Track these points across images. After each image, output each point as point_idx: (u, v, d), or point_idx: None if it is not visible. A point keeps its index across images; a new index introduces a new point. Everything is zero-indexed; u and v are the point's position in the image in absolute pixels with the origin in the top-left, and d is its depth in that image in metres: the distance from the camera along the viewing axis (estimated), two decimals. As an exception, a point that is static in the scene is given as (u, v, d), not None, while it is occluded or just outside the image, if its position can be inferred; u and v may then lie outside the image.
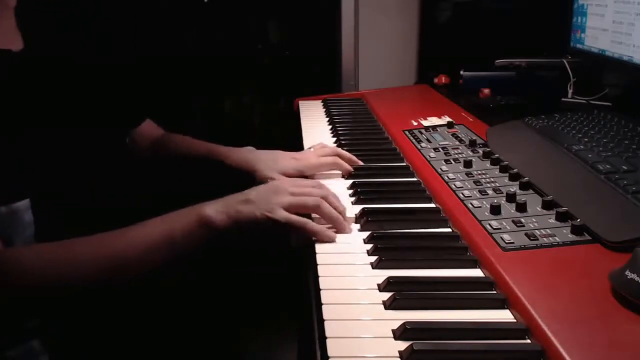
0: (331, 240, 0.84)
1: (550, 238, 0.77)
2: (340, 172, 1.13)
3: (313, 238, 0.85)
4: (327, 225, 0.87)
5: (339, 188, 1.03)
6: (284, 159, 1.15)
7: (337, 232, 0.86)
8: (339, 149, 1.19)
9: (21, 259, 0.83)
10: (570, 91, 1.53)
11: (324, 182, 1.08)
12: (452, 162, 1.07)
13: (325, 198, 0.89)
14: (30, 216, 0.87)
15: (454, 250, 0.81)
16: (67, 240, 0.84)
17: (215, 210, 0.84)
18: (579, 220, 0.79)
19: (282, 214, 0.85)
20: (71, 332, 0.94)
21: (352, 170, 1.12)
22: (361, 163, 1.15)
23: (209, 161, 1.21)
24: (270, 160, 1.15)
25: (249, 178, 1.14)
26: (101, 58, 1.11)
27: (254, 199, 0.86)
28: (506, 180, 0.96)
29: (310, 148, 1.23)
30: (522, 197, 0.87)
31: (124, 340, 1.00)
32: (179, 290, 1.12)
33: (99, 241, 0.84)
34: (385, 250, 0.80)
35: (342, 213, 0.89)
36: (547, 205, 0.85)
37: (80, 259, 0.83)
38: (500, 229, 0.80)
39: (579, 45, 1.47)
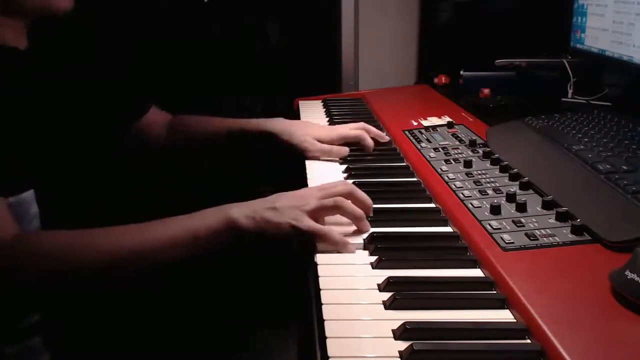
0: (350, 252, 0.82)
1: (550, 238, 0.77)
2: (339, 171, 1.13)
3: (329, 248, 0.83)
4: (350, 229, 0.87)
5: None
6: (319, 129, 1.24)
7: (359, 230, 0.86)
8: (367, 125, 1.26)
9: (40, 243, 0.83)
10: (570, 91, 1.53)
11: (324, 180, 1.08)
12: (452, 162, 1.07)
13: (351, 193, 0.88)
14: (35, 208, 0.88)
15: (454, 250, 0.81)
16: (89, 229, 0.84)
17: (242, 213, 0.83)
18: (579, 220, 0.79)
19: (307, 223, 0.82)
20: (72, 330, 0.94)
21: (374, 148, 1.21)
22: (387, 138, 1.24)
23: (245, 134, 1.23)
24: (304, 129, 1.22)
25: (285, 142, 1.19)
26: (102, 57, 1.12)
27: (280, 208, 0.84)
28: (506, 180, 0.96)
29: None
30: (522, 197, 0.87)
31: (124, 338, 1.00)
32: (180, 289, 1.12)
33: (121, 232, 0.84)
34: (385, 250, 0.80)
35: (368, 208, 0.89)
36: (547, 205, 0.85)
37: (99, 248, 0.83)
38: (500, 229, 0.80)
39: (579, 45, 1.47)
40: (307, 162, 1.19)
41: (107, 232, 0.84)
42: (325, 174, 1.13)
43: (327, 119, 1.52)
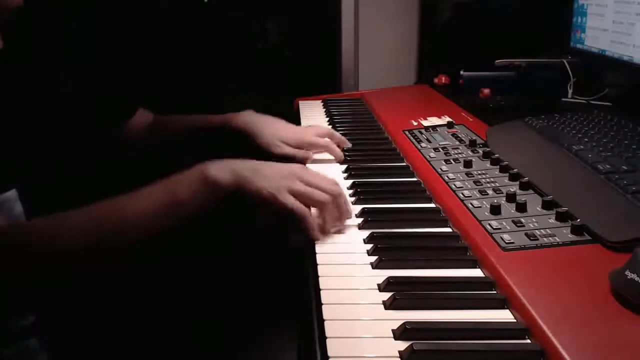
0: (316, 240, 0.83)
1: (550, 238, 0.77)
2: (339, 171, 1.13)
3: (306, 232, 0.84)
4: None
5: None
6: (287, 129, 1.22)
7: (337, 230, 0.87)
8: (332, 130, 1.25)
9: (25, 232, 0.82)
10: (570, 91, 1.53)
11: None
12: (452, 162, 1.07)
13: (336, 197, 0.88)
14: (19, 207, 0.87)
15: (454, 250, 0.81)
16: (71, 209, 0.82)
17: (219, 169, 0.83)
18: (579, 220, 0.79)
19: (289, 199, 0.83)
20: (69, 329, 0.94)
21: (342, 157, 1.18)
22: (350, 144, 1.23)
23: (213, 130, 1.24)
24: (274, 128, 1.20)
25: (250, 140, 1.18)
26: (87, 56, 1.11)
27: (265, 174, 0.84)
28: (506, 180, 0.96)
29: (309, 126, 1.30)
30: (522, 197, 0.87)
31: (123, 339, 1.00)
32: (179, 289, 1.12)
33: (103, 206, 0.83)
34: (385, 250, 0.80)
35: (343, 217, 0.88)
36: (547, 205, 0.85)
37: (84, 224, 0.82)
38: (500, 229, 0.80)
39: (579, 45, 1.47)
40: (308, 162, 1.19)
41: (87, 210, 0.83)
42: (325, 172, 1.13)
43: (327, 119, 1.52)
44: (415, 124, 1.34)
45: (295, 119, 1.56)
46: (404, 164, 1.15)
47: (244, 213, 0.88)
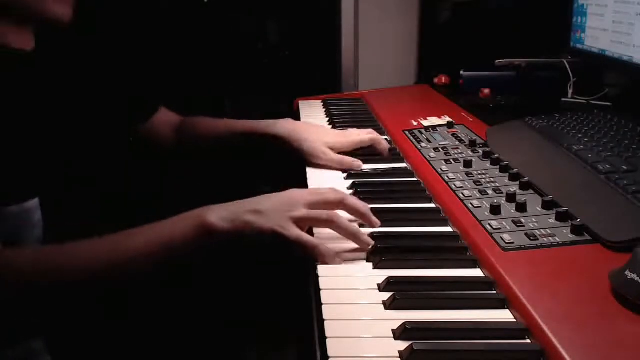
0: (335, 263, 0.78)
1: (550, 238, 0.77)
2: (339, 171, 1.13)
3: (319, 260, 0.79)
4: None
5: (339, 188, 1.03)
6: (332, 135, 1.19)
7: (358, 245, 0.82)
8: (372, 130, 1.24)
9: (17, 261, 0.79)
10: (570, 91, 1.53)
11: (324, 179, 1.09)
12: (452, 162, 1.07)
13: (342, 202, 0.84)
14: (39, 215, 0.87)
15: (454, 250, 0.81)
16: (66, 243, 0.80)
17: (219, 217, 0.78)
18: (579, 220, 0.79)
19: (294, 232, 0.77)
20: (72, 331, 0.94)
21: (388, 151, 1.19)
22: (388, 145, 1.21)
23: (250, 137, 1.20)
24: (318, 133, 1.17)
25: (294, 148, 1.15)
26: (106, 57, 1.11)
27: (265, 211, 0.78)
28: (506, 180, 0.96)
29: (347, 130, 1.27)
30: (522, 197, 0.87)
31: (126, 339, 1.00)
32: (179, 290, 1.12)
33: (97, 245, 0.80)
34: (385, 250, 0.80)
35: (365, 214, 0.85)
36: (547, 205, 0.85)
37: (76, 262, 0.79)
38: (500, 229, 0.80)
39: (579, 45, 1.47)
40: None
41: (86, 246, 0.79)
42: (325, 172, 1.13)
43: (327, 119, 1.52)
44: (415, 124, 1.34)
45: (295, 119, 1.56)
46: (404, 164, 1.15)
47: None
